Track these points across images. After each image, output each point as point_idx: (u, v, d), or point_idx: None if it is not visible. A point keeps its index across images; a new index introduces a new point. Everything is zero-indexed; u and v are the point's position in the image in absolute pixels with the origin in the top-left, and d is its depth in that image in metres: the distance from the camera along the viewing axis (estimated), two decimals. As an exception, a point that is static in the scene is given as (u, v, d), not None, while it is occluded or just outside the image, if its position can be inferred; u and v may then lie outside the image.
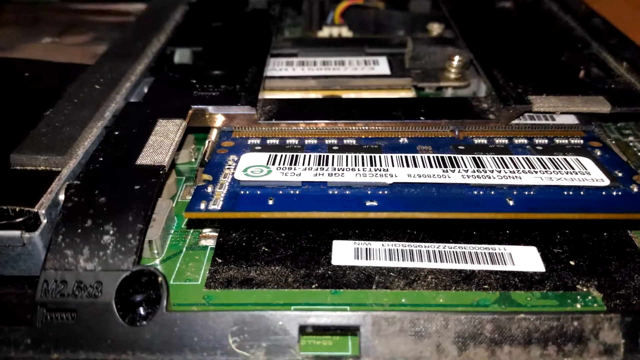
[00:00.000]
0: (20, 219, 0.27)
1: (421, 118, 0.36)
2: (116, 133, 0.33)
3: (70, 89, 0.37)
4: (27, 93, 0.39)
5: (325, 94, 0.44)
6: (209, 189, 0.30)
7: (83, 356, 0.24)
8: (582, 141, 0.36)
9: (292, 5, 0.61)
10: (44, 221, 0.27)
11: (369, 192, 0.30)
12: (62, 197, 0.28)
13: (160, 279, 0.25)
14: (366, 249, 0.30)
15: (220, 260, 0.30)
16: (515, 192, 0.30)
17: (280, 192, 0.30)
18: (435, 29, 0.53)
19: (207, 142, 0.35)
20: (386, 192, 0.30)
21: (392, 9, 0.60)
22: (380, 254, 0.30)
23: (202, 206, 0.29)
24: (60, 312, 0.24)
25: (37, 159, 0.30)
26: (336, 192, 0.30)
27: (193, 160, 0.38)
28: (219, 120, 0.37)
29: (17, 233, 0.27)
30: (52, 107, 0.35)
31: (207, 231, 0.32)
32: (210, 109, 0.36)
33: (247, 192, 0.30)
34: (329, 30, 0.57)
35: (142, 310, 0.25)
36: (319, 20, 0.58)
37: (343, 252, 0.30)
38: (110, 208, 0.27)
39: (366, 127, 0.36)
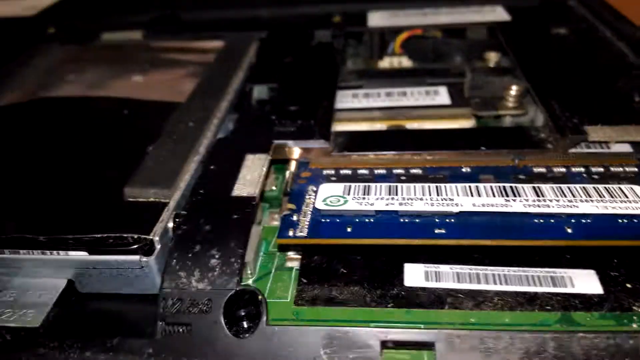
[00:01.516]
0: (138, 245, 0.32)
1: (482, 148, 0.39)
2: (212, 167, 0.38)
3: (167, 126, 0.42)
4: (128, 129, 0.45)
5: (389, 124, 0.47)
6: (294, 217, 0.34)
7: (197, 364, 0.28)
8: (636, 169, 0.38)
9: (353, 36, 0.65)
10: (158, 247, 0.32)
11: (437, 220, 0.33)
12: (170, 225, 0.33)
13: (260, 296, 0.29)
14: (435, 272, 0.34)
15: (305, 281, 0.33)
16: (573, 221, 0.32)
17: (357, 220, 0.34)
18: (492, 57, 0.56)
19: (287, 173, 0.39)
20: (453, 220, 0.33)
21: (449, 37, 0.63)
22: (449, 276, 0.33)
23: (291, 233, 0.33)
24: (177, 325, 0.29)
25: (147, 191, 0.35)
26: (407, 220, 0.34)
27: (273, 188, 0.43)
28: (296, 152, 0.41)
29: (135, 257, 0.31)
30: (151, 142, 0.40)
31: (291, 254, 0.36)
32: (290, 143, 0.40)
33: (328, 220, 0.34)
34: (390, 59, 0.60)
35: (245, 324, 0.29)
36: (380, 50, 0.62)
37: (414, 274, 0.33)
38: (214, 235, 0.32)
39: (430, 157, 0.40)
